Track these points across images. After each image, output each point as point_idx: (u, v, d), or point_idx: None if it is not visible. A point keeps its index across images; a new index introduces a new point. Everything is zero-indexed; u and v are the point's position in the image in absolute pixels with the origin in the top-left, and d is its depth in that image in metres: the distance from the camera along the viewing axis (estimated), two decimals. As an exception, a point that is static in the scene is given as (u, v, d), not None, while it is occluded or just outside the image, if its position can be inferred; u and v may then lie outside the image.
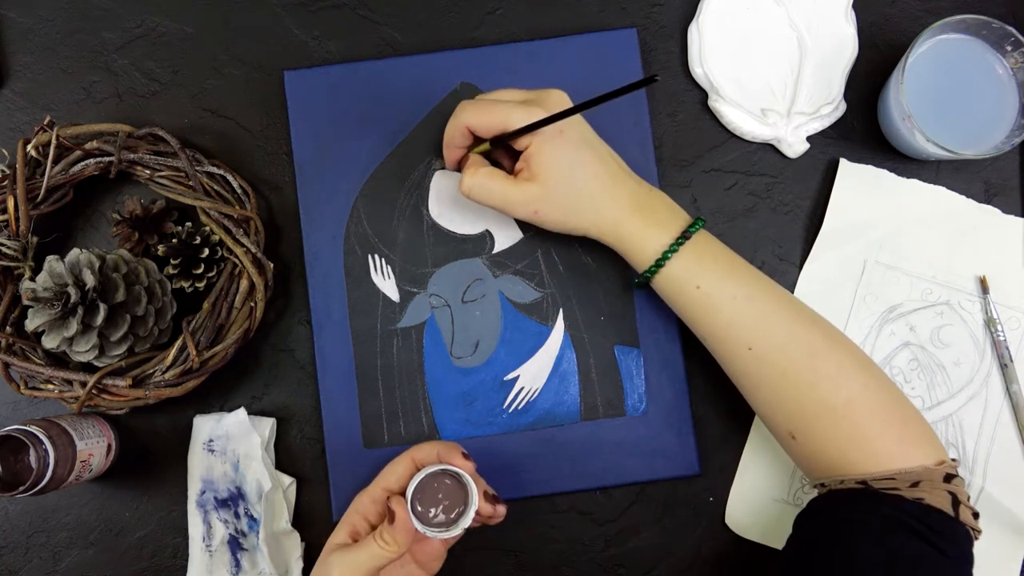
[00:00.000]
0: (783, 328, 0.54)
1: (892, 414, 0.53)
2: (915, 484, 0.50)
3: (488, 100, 0.57)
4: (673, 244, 0.55)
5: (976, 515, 0.51)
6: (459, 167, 0.61)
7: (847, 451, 0.52)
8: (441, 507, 0.52)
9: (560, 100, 0.56)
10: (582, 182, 0.55)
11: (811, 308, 0.56)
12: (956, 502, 0.50)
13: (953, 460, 0.52)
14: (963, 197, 0.65)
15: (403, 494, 0.53)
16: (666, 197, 0.58)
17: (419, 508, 0.52)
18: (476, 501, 0.52)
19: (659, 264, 0.55)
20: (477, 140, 0.59)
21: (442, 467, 0.52)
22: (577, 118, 0.57)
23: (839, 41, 0.66)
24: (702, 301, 0.55)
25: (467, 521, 0.52)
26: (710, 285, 0.55)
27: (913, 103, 0.59)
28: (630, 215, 0.56)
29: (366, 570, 0.51)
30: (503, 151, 0.59)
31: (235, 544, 0.61)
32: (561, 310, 0.64)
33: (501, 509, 0.55)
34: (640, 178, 0.58)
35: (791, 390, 0.53)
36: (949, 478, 0.51)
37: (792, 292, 0.65)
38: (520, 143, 0.56)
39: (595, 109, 0.65)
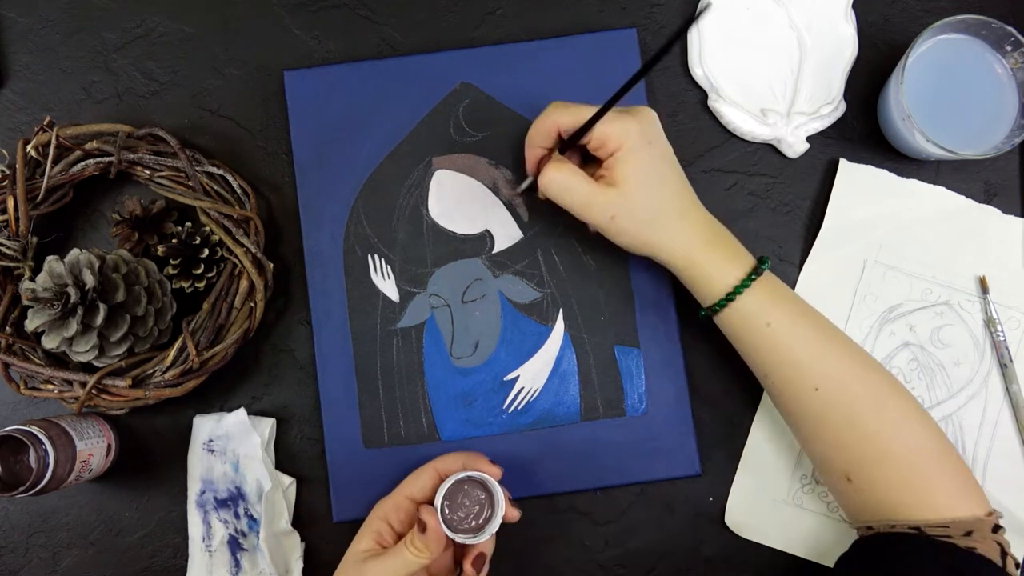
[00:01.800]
0: (851, 372, 0.54)
1: (949, 464, 0.53)
2: (968, 533, 0.50)
3: (577, 104, 0.56)
4: (746, 279, 0.54)
5: (1018, 566, 0.51)
6: (537, 170, 0.59)
7: (905, 497, 0.52)
8: (469, 513, 0.53)
9: (646, 114, 0.55)
10: (664, 200, 0.55)
11: (869, 353, 0.56)
12: (1003, 553, 0.50)
13: (997, 512, 0.53)
14: (963, 197, 0.65)
15: (429, 503, 0.53)
16: (730, 234, 0.57)
17: (448, 514, 0.52)
18: (503, 506, 0.52)
19: (730, 298, 0.55)
20: (560, 143, 0.57)
21: (468, 474, 0.53)
22: (664, 140, 0.56)
23: (839, 41, 0.66)
24: (771, 339, 0.55)
25: (495, 526, 0.52)
26: (780, 323, 0.54)
27: (913, 103, 0.59)
28: (704, 245, 0.55)
29: None
30: (581, 158, 0.59)
31: (235, 544, 0.61)
32: (561, 310, 0.64)
33: (516, 513, 0.55)
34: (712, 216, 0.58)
35: (855, 434, 0.53)
36: (997, 529, 0.51)
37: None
38: (607, 148, 0.55)
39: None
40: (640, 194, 0.54)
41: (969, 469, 0.54)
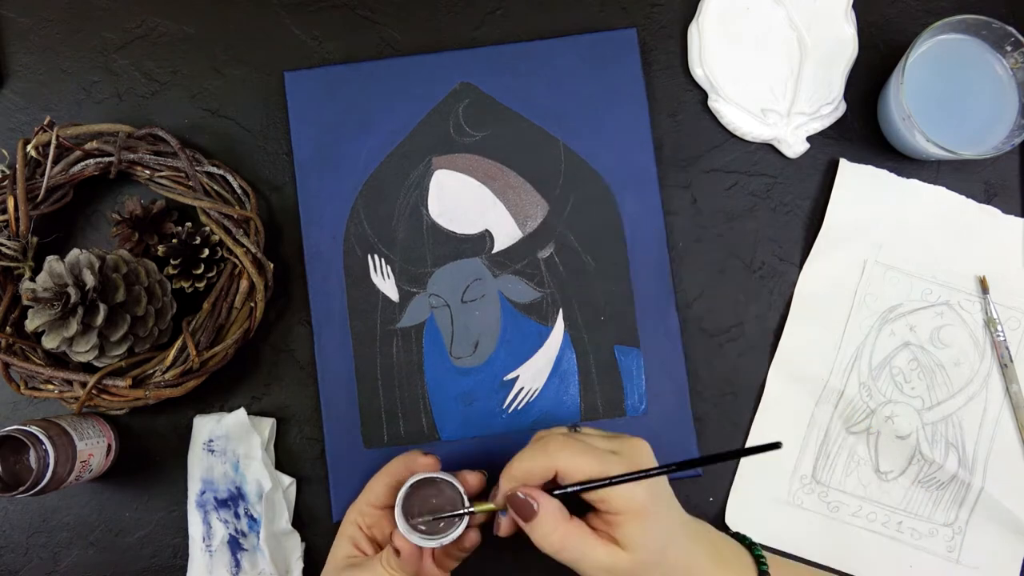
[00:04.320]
0: None
1: None
2: None
3: (582, 442, 0.49)
4: None
5: None
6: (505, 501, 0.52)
7: None
8: (435, 511, 0.52)
9: (645, 452, 0.51)
10: (674, 558, 0.50)
11: None
12: None
13: None
14: (963, 197, 0.65)
15: (390, 507, 0.53)
16: (726, 538, 0.54)
17: (412, 521, 0.51)
18: (465, 496, 0.52)
19: None
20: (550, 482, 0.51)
21: (421, 476, 0.52)
22: (661, 482, 0.50)
23: (839, 41, 0.66)
24: None
25: (462, 525, 0.51)
26: None
27: (913, 103, 0.59)
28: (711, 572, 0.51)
29: None
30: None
31: (235, 544, 0.61)
32: (561, 310, 0.64)
33: (474, 536, 0.53)
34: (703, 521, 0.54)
35: None
36: None
37: (792, 292, 0.65)
38: (607, 506, 0.48)
39: (595, 109, 0.65)
40: (652, 561, 0.49)
41: None
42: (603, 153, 0.65)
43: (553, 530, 0.48)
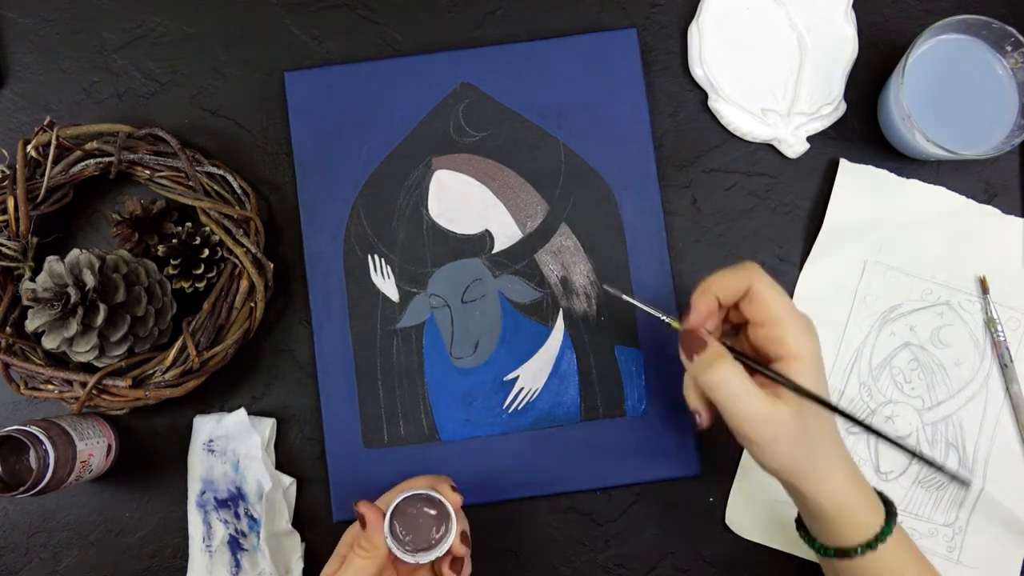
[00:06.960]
0: None
1: None
2: None
3: (779, 289, 0.50)
4: (887, 527, 0.50)
5: None
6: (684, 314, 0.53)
7: None
8: (421, 532, 0.51)
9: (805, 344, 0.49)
10: (826, 429, 0.50)
11: None
12: None
13: None
14: (963, 197, 0.65)
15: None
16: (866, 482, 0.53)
17: (397, 529, 0.51)
18: (455, 528, 0.51)
19: (872, 546, 0.50)
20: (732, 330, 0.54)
21: (425, 491, 0.51)
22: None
23: (839, 41, 0.66)
24: None
25: (444, 547, 0.50)
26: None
27: (913, 103, 0.59)
28: (853, 486, 0.50)
29: None
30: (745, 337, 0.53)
31: (235, 544, 0.61)
32: (561, 310, 0.64)
33: (463, 549, 0.52)
34: None
35: None
36: None
37: (792, 292, 0.65)
38: (777, 351, 0.50)
39: (595, 109, 0.65)
40: (811, 417, 0.49)
41: None
42: (603, 153, 0.65)
43: (716, 365, 0.49)
